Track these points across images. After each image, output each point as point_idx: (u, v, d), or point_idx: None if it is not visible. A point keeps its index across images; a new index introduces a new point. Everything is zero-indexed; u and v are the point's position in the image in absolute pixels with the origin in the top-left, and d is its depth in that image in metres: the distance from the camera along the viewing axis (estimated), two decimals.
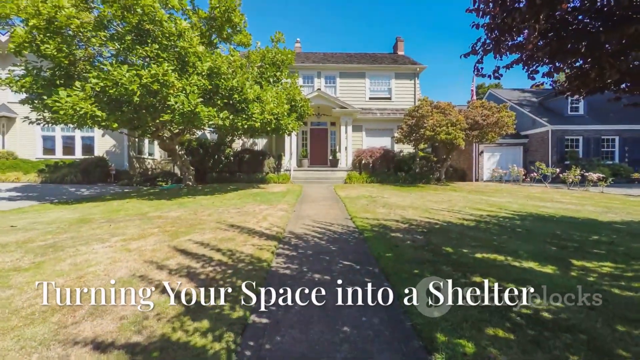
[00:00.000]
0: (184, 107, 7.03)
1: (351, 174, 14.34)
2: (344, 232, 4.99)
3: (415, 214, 6.26)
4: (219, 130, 10.03)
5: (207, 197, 8.92)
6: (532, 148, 18.33)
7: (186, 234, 4.63)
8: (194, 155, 14.03)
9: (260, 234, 4.67)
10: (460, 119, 11.29)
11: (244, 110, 8.27)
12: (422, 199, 8.66)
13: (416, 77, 17.38)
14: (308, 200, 8.57)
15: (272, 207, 7.25)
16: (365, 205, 7.43)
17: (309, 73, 17.36)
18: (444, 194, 9.85)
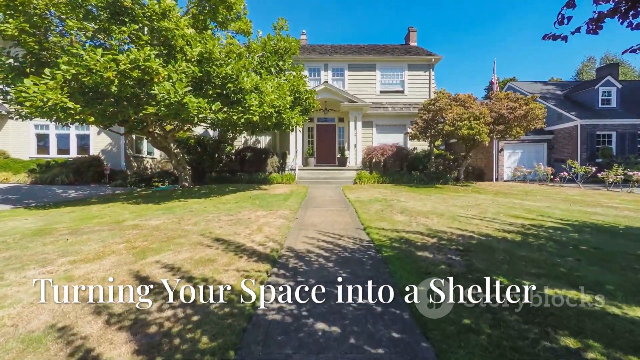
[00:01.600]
0: (169, 97, 6.08)
1: (361, 174, 13.25)
2: (357, 248, 3.95)
3: (442, 224, 5.17)
4: (213, 125, 9.08)
5: (200, 201, 7.99)
6: (558, 145, 16.89)
7: (157, 252, 3.66)
8: (192, 153, 13.15)
9: (251, 253, 3.67)
10: (485, 111, 10.08)
11: (240, 102, 7.28)
12: (444, 202, 7.54)
13: (431, 68, 16.13)
14: (313, 205, 7.55)
15: (271, 213, 6.26)
16: (380, 211, 6.37)
17: (315, 65, 16.30)
18: (468, 197, 8.70)
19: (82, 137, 15.51)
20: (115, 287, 2.67)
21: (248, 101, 7.21)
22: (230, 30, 10.36)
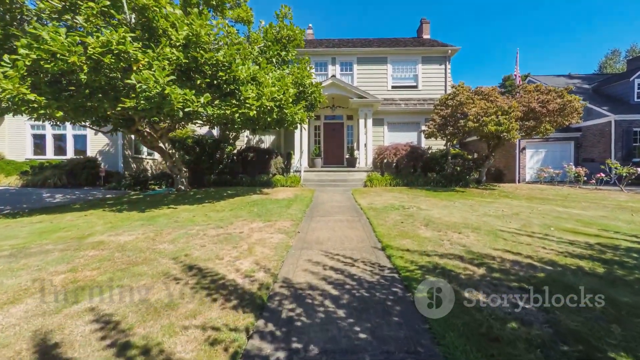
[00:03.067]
0: (149, 88, 5.14)
1: (372, 176, 12.16)
2: (377, 281, 2.90)
3: (483, 243, 4.06)
4: (208, 121, 8.13)
5: (191, 208, 7.04)
6: (587, 143, 15.44)
7: (102, 289, 2.68)
8: (190, 154, 12.27)
9: (231, 291, 2.66)
10: (515, 105, 8.86)
11: (235, 94, 6.30)
12: (473, 211, 6.41)
13: (447, 60, 14.90)
14: (319, 213, 6.52)
15: (269, 224, 5.25)
16: (399, 222, 5.29)
17: (322, 60, 15.25)
18: (498, 203, 7.53)
19: (78, 138, 14.84)
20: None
21: (243, 93, 6.22)
22: (229, 19, 9.42)
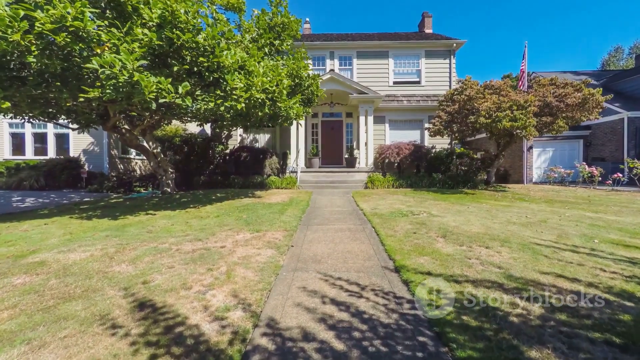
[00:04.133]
0: (114, 73, 4.31)
1: (373, 176, 11.36)
2: (396, 326, 2.09)
3: (523, 262, 3.26)
4: (193, 116, 7.30)
5: (172, 214, 6.21)
6: (597, 141, 14.74)
7: None
8: (178, 154, 11.42)
9: (188, 349, 1.84)
10: (531, 99, 8.10)
11: (219, 84, 5.47)
12: (492, 217, 5.62)
13: (452, 55, 14.13)
14: (317, 220, 5.71)
15: (258, 236, 4.43)
16: (411, 232, 4.48)
17: (320, 54, 14.43)
18: (516, 207, 6.75)
19: (60, 137, 13.92)
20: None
21: (230, 83, 5.38)
22: (218, 5, 8.59)
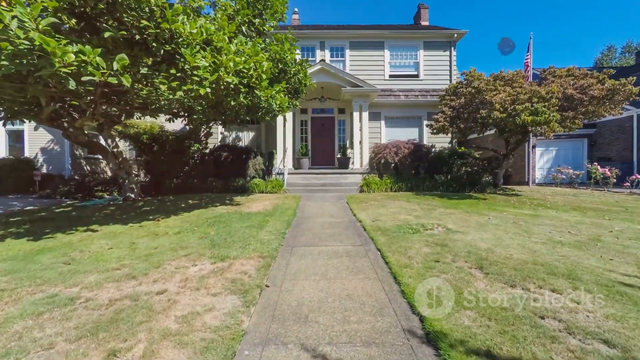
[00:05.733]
0: (7, 36, 2.94)
1: (369, 179, 10.18)
2: None
3: (632, 323, 2.09)
4: (155, 106, 5.95)
5: (120, 230, 4.84)
6: (603, 141, 13.99)
7: None
8: (146, 153, 9.95)
9: None
10: (555, 89, 7.04)
11: (174, 61, 4.14)
12: (526, 233, 4.48)
13: (452, 46, 13.08)
14: (305, 239, 4.45)
15: (220, 268, 3.13)
16: (433, 261, 3.27)
17: (309, 44, 13.15)
18: (545, 217, 5.66)
19: (13, 134, 12.22)
20: None
21: (189, 59, 4.06)
22: None
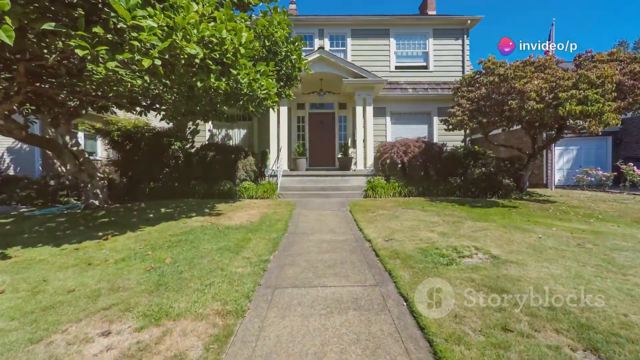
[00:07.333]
0: None
1: (374, 182, 8.91)
2: None
3: None
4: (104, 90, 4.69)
5: (50, 254, 3.57)
6: (629, 139, 12.75)
7: None
8: (119, 152, 8.67)
9: None
10: (608, 72, 5.79)
11: (101, 15, 2.86)
12: (605, 262, 3.21)
13: (465, 34, 11.81)
14: (294, 272, 3.18)
15: (147, 342, 1.86)
16: (499, 325, 2.00)
17: (307, 31, 11.89)
18: (610, 235, 4.38)
19: None
20: None
21: (123, 15, 2.78)
22: None
